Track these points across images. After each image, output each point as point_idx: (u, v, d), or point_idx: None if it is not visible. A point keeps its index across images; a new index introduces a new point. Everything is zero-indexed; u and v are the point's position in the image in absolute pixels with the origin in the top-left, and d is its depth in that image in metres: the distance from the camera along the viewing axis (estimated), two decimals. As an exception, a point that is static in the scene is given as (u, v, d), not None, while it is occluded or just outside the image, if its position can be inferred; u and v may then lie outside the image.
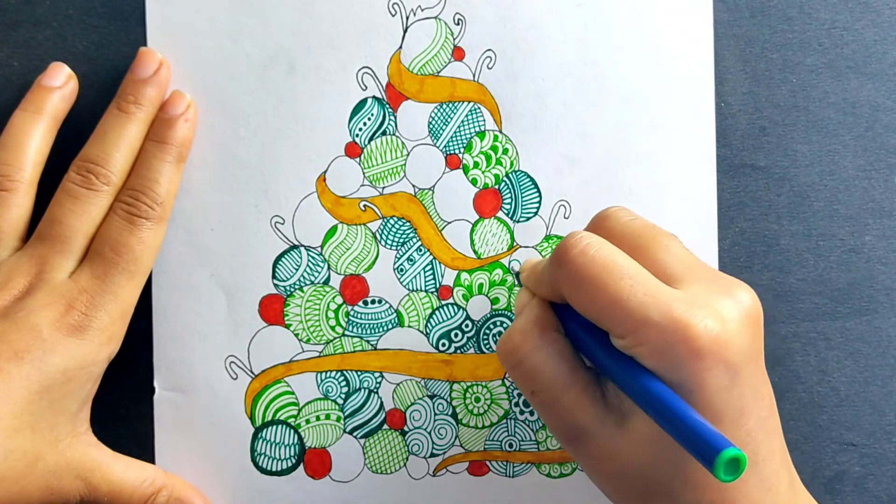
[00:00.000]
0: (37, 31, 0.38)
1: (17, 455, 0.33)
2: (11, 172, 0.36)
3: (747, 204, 0.39)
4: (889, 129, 0.39)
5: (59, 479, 0.34)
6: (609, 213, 0.34)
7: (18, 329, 0.33)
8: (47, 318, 0.34)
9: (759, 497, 0.30)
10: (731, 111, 0.39)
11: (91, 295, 0.35)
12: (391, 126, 0.39)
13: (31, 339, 0.33)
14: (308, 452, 0.39)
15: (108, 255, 0.35)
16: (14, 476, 0.33)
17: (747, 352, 0.30)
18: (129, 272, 0.36)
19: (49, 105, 0.37)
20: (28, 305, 0.34)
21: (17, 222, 0.36)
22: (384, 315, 0.39)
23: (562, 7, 0.39)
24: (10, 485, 0.33)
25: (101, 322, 0.35)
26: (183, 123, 0.37)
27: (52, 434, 0.34)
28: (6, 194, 0.36)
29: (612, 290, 0.29)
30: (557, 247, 0.31)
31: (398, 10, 0.39)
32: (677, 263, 0.31)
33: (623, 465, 0.31)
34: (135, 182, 0.36)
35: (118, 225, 0.36)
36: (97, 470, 0.35)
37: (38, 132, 0.36)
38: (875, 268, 0.39)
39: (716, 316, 0.29)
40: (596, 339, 0.31)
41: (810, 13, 0.39)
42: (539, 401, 0.32)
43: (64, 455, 0.35)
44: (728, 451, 0.25)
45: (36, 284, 0.35)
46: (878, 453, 0.40)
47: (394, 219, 0.39)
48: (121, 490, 0.36)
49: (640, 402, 0.29)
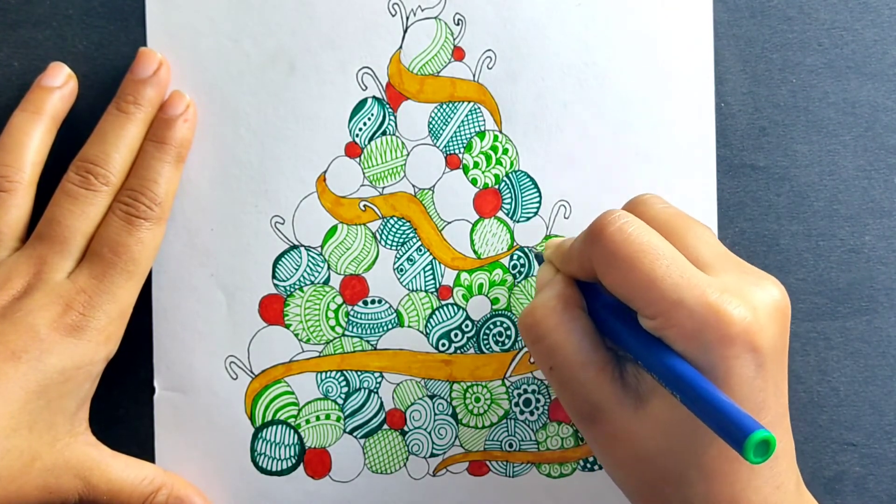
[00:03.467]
0: (37, 31, 0.38)
1: (14, 454, 0.33)
2: (10, 173, 0.36)
3: (747, 204, 0.39)
4: (889, 129, 0.39)
5: (58, 479, 0.34)
6: (644, 198, 0.34)
7: (16, 329, 0.33)
8: (45, 319, 0.34)
9: (769, 494, 0.30)
10: (731, 111, 0.39)
11: (89, 295, 0.35)
12: (391, 126, 0.39)
13: (28, 339, 0.33)
14: (308, 452, 0.39)
15: (107, 256, 0.35)
16: (11, 475, 0.33)
17: (774, 344, 0.30)
18: (127, 272, 0.36)
19: (48, 105, 0.37)
20: (26, 306, 0.34)
21: (16, 223, 0.36)
22: (384, 315, 0.39)
23: (562, 7, 0.39)
24: (7, 484, 0.33)
25: (99, 322, 0.35)
26: (182, 124, 0.37)
27: (50, 434, 0.34)
28: (5, 195, 0.36)
29: (647, 270, 0.29)
30: (593, 223, 0.31)
31: (398, 10, 0.39)
32: (709, 251, 0.31)
33: (637, 448, 0.30)
34: (133, 182, 0.36)
35: (117, 225, 0.36)
36: (96, 469, 0.35)
37: (37, 133, 0.36)
38: (875, 268, 0.39)
39: (748, 304, 0.29)
40: (623, 318, 0.31)
41: (810, 13, 0.39)
42: (557, 377, 0.32)
43: (62, 454, 0.35)
44: (759, 433, 0.25)
45: (34, 285, 0.35)
46: (879, 453, 0.40)
47: (394, 219, 0.39)
48: (120, 489, 0.36)
49: (666, 383, 0.29)
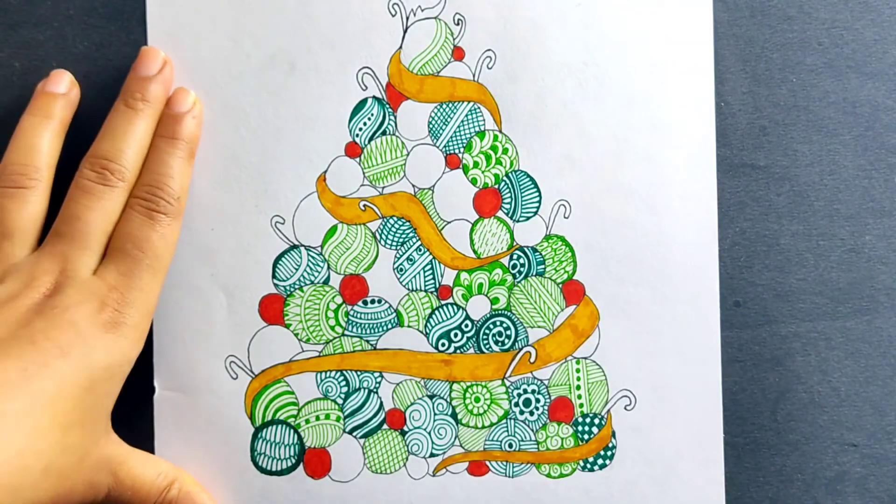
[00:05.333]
0: (38, 32, 0.39)
1: (71, 450, 0.33)
2: (30, 171, 0.36)
3: (747, 204, 0.39)
4: (889, 129, 0.39)
5: (98, 474, 0.35)
6: None
7: (58, 326, 0.33)
8: (84, 315, 0.34)
9: None
10: (731, 111, 0.39)
11: (121, 292, 0.35)
12: (391, 126, 0.39)
13: (72, 335, 0.33)
14: (308, 452, 0.39)
15: (132, 252, 0.35)
16: (68, 471, 0.33)
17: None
18: (153, 269, 0.36)
19: (56, 110, 0.37)
20: (61, 302, 0.34)
21: (35, 220, 0.36)
22: (384, 315, 0.39)
23: (562, 7, 0.39)
24: (64, 480, 0.33)
25: (133, 319, 0.35)
26: (191, 120, 0.37)
27: (96, 431, 0.35)
28: (25, 192, 0.36)
29: None
30: None
31: (398, 10, 0.39)
32: None
33: None
34: (150, 178, 0.36)
35: (139, 221, 0.36)
36: (124, 464, 0.36)
37: (48, 135, 0.37)
38: (875, 268, 0.39)
39: None
40: None
41: (810, 13, 0.39)
42: None
43: (102, 451, 0.35)
44: None
45: (63, 282, 0.35)
46: (879, 454, 0.39)
47: (394, 218, 0.39)
48: (141, 483, 0.36)
49: None
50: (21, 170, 0.36)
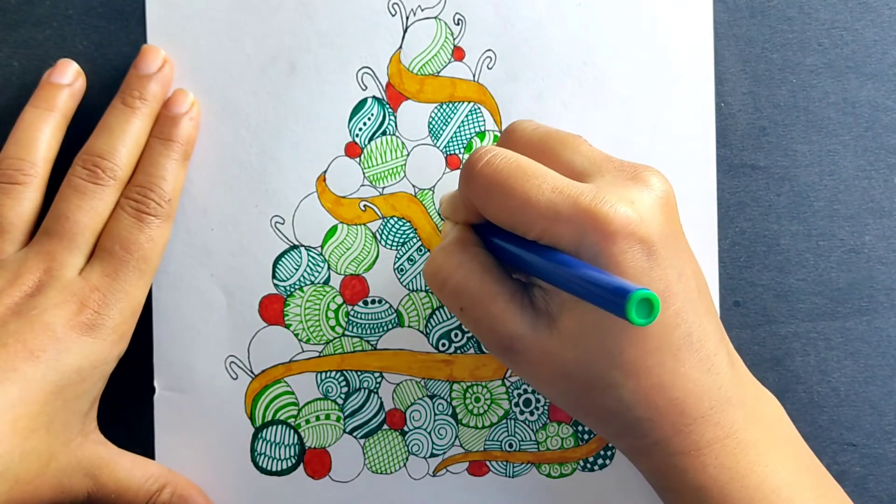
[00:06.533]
0: (37, 31, 0.38)
1: (33, 456, 0.33)
2: (25, 167, 0.36)
3: (747, 204, 0.39)
4: (889, 129, 0.39)
5: (70, 478, 0.34)
6: (514, 125, 0.34)
7: (33, 328, 0.33)
8: (61, 317, 0.34)
9: (699, 377, 0.30)
10: (731, 111, 0.39)
11: (103, 293, 0.35)
12: (391, 126, 0.39)
13: (45, 338, 0.33)
14: (308, 452, 0.39)
15: (119, 253, 0.35)
16: (29, 476, 0.33)
17: (662, 231, 0.30)
18: (139, 270, 0.35)
19: (59, 102, 0.37)
20: (41, 304, 0.34)
21: (27, 216, 0.36)
22: (384, 315, 0.39)
23: (562, 7, 0.39)
24: (24, 485, 0.33)
25: (114, 321, 0.35)
26: (188, 122, 0.37)
27: (65, 434, 0.34)
28: (20, 187, 0.36)
29: (519, 193, 0.30)
30: (464, 164, 0.32)
31: (398, 10, 0.39)
32: (584, 160, 0.32)
33: (558, 366, 0.31)
34: (142, 179, 0.36)
35: (127, 222, 0.36)
36: (105, 468, 0.35)
37: (48, 128, 0.36)
38: (875, 268, 0.39)
39: (624, 200, 0.29)
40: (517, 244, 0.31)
41: (810, 13, 0.39)
42: (470, 317, 0.32)
43: (75, 454, 0.35)
44: (639, 293, 0.25)
45: (46, 281, 0.34)
46: (879, 454, 0.40)
47: (394, 219, 0.39)
48: (127, 487, 0.36)
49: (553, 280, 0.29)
50: (17, 165, 0.36)
